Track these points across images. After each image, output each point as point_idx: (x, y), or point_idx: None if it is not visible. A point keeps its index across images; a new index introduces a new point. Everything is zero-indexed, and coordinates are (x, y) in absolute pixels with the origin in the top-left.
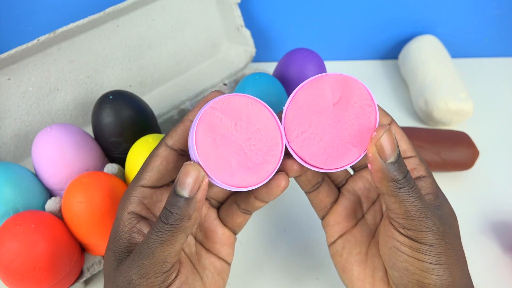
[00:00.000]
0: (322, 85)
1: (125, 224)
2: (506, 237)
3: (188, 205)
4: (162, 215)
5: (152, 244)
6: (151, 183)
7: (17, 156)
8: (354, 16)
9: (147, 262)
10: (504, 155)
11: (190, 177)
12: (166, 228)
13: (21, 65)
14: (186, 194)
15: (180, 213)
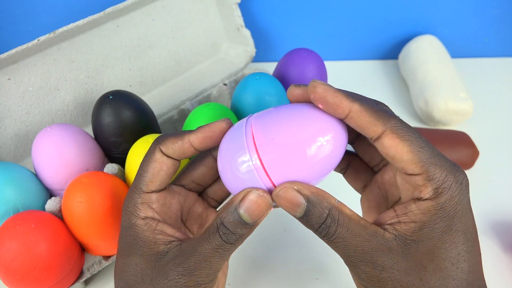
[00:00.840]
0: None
1: (145, 229)
2: (506, 237)
3: (250, 229)
4: (224, 234)
5: (210, 258)
6: (155, 188)
7: (17, 156)
8: (354, 16)
9: (204, 272)
10: (504, 155)
11: (261, 210)
12: (227, 247)
13: (21, 65)
14: (251, 221)
15: (241, 234)
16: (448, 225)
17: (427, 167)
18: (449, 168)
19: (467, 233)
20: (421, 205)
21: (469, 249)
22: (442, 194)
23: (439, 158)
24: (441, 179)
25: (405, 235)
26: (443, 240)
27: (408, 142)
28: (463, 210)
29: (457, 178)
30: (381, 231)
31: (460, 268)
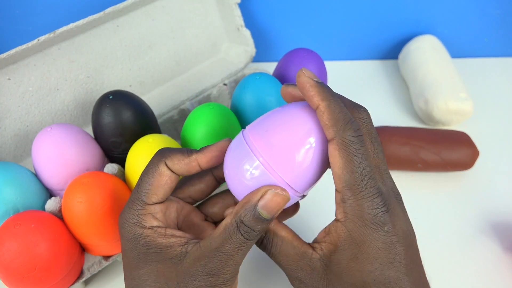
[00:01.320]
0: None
1: (155, 236)
2: (506, 237)
3: (268, 224)
4: (244, 232)
5: (233, 256)
6: (157, 200)
7: (17, 156)
8: (354, 16)
9: (231, 269)
10: (504, 155)
11: (280, 206)
12: (249, 243)
13: (21, 65)
14: (269, 217)
15: (259, 230)
16: (355, 253)
17: (345, 189)
18: (367, 197)
19: (375, 264)
20: (337, 226)
21: (378, 278)
22: (350, 220)
23: (366, 187)
24: (352, 205)
25: (326, 256)
26: (349, 267)
27: (344, 159)
28: (372, 241)
29: (370, 210)
30: (309, 252)
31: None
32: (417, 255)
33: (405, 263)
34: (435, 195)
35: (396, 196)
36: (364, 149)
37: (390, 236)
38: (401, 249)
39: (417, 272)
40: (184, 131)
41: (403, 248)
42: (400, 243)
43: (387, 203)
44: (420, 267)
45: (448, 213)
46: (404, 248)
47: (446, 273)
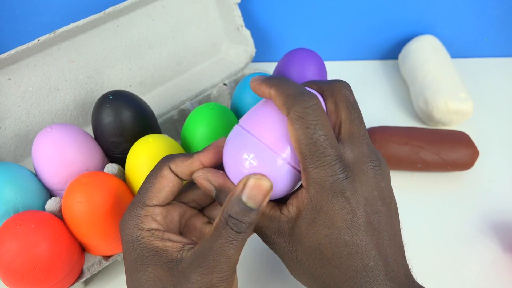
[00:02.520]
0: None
1: (152, 239)
2: (506, 237)
3: (256, 214)
4: (234, 225)
5: (226, 251)
6: (158, 203)
7: (17, 156)
8: (354, 16)
9: (225, 266)
10: (504, 155)
11: (263, 193)
12: (239, 236)
13: (21, 65)
14: (256, 206)
15: (249, 222)
16: (314, 218)
17: (303, 159)
18: (324, 165)
19: (332, 228)
20: (302, 192)
21: (334, 241)
22: (311, 187)
23: (323, 155)
24: (311, 173)
25: (293, 219)
26: (308, 230)
27: (298, 131)
28: (330, 207)
29: (329, 177)
30: (278, 216)
31: (318, 258)
32: (387, 222)
33: (364, 229)
34: (435, 195)
35: (372, 161)
36: (318, 118)
37: (349, 202)
38: (361, 215)
39: (381, 238)
40: (184, 131)
41: (363, 215)
42: (360, 209)
43: (348, 170)
44: (390, 233)
45: (448, 213)
46: (365, 214)
47: (446, 273)
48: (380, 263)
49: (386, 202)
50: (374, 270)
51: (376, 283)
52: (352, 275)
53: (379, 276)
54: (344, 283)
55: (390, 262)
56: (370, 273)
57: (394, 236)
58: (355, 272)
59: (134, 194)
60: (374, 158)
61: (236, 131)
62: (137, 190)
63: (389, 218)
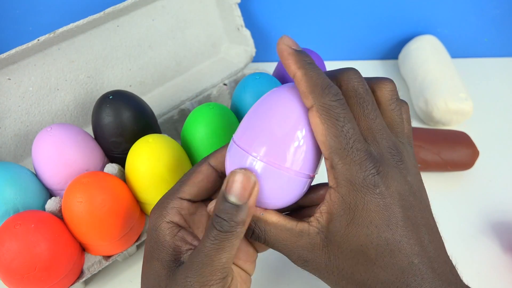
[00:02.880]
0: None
1: (166, 233)
2: (506, 237)
3: (242, 211)
4: (216, 223)
5: (210, 252)
6: (190, 196)
7: (17, 156)
8: (354, 16)
9: (207, 270)
10: (504, 155)
11: (247, 188)
12: (223, 236)
13: (21, 65)
14: (239, 202)
15: (235, 220)
16: (351, 218)
17: (332, 154)
18: (355, 160)
19: (371, 227)
20: (331, 193)
21: (376, 241)
22: (342, 185)
23: (352, 151)
24: (341, 170)
25: (324, 227)
26: (347, 233)
27: (326, 124)
28: (365, 204)
29: (360, 173)
30: (306, 229)
31: (362, 261)
32: (423, 216)
33: (403, 225)
34: (435, 195)
35: (393, 156)
36: (345, 112)
37: (384, 198)
38: (397, 210)
39: (421, 233)
40: (184, 131)
41: (400, 210)
42: (396, 205)
43: (378, 165)
44: (428, 227)
45: (448, 213)
46: (401, 209)
47: None
48: (425, 259)
49: (417, 196)
50: (421, 267)
51: (424, 282)
52: (399, 275)
53: (426, 273)
54: (391, 284)
55: (434, 258)
56: (417, 271)
57: (432, 230)
58: (401, 271)
59: (134, 194)
60: (395, 153)
61: (232, 148)
62: (137, 190)
63: (423, 212)
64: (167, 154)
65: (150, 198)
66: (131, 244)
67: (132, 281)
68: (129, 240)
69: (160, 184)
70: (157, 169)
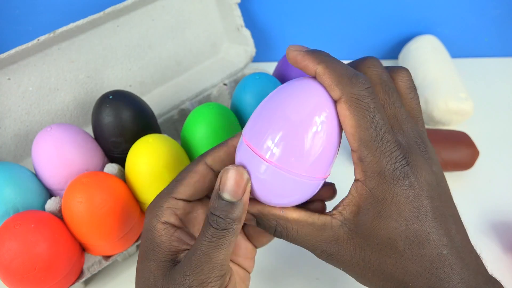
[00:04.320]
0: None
1: (162, 234)
2: (506, 237)
3: (237, 208)
4: (212, 221)
5: (207, 250)
6: (185, 197)
7: (17, 156)
8: (354, 16)
9: (206, 268)
10: (504, 155)
11: (240, 184)
12: (219, 233)
13: (21, 65)
14: (233, 199)
15: (231, 218)
16: (378, 211)
17: (362, 147)
18: (385, 152)
19: (399, 219)
20: (357, 186)
21: (404, 233)
22: (370, 178)
23: (382, 142)
24: (371, 163)
25: (349, 219)
26: (374, 226)
27: (356, 116)
28: (394, 197)
29: (390, 165)
30: (329, 222)
31: (390, 253)
32: (448, 206)
33: (432, 216)
34: None
35: (419, 145)
36: (375, 101)
37: (414, 189)
38: (426, 201)
39: (448, 223)
40: (184, 131)
41: (428, 201)
42: (424, 195)
43: (407, 156)
44: (454, 218)
45: None
46: (430, 200)
47: None
48: (453, 250)
49: (442, 186)
50: (449, 258)
51: (454, 272)
52: (428, 266)
53: (455, 264)
54: (420, 276)
55: (461, 248)
56: (446, 262)
57: (458, 220)
58: (430, 262)
59: (134, 194)
60: (420, 142)
61: (242, 147)
62: (137, 190)
63: (448, 202)
64: (167, 154)
65: (150, 198)
66: (131, 244)
67: (132, 281)
68: (129, 240)
69: (160, 184)
70: (157, 169)
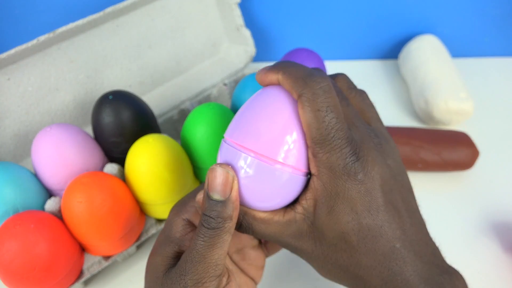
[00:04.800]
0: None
1: (178, 230)
2: (506, 237)
3: (227, 207)
4: (204, 221)
5: (201, 250)
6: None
7: (17, 156)
8: (354, 16)
9: (200, 267)
10: (504, 155)
11: (226, 182)
12: (212, 233)
13: (21, 65)
14: (221, 197)
15: (222, 216)
16: (331, 206)
17: (313, 144)
18: (335, 149)
19: (351, 214)
20: (314, 181)
21: (356, 227)
22: (323, 173)
23: (333, 139)
24: (322, 159)
25: (310, 213)
26: (328, 220)
27: (308, 116)
28: (346, 192)
29: (340, 161)
30: (293, 217)
31: (344, 247)
32: (405, 199)
33: (384, 210)
34: (435, 195)
35: (373, 139)
36: (329, 100)
37: (365, 184)
38: (378, 195)
39: (402, 216)
40: (184, 131)
41: (381, 195)
42: (376, 189)
43: (358, 151)
44: (410, 210)
45: (448, 213)
46: (382, 194)
47: None
48: (406, 243)
49: (398, 179)
50: (402, 251)
51: (406, 265)
52: (381, 260)
53: (408, 257)
54: (374, 269)
55: (415, 241)
56: (398, 255)
57: (414, 213)
58: (383, 256)
59: (134, 194)
60: (374, 135)
61: (224, 148)
62: (137, 190)
63: (404, 195)
64: (167, 154)
65: (150, 198)
66: (130, 244)
67: (132, 281)
68: (128, 240)
69: (159, 184)
70: (157, 169)
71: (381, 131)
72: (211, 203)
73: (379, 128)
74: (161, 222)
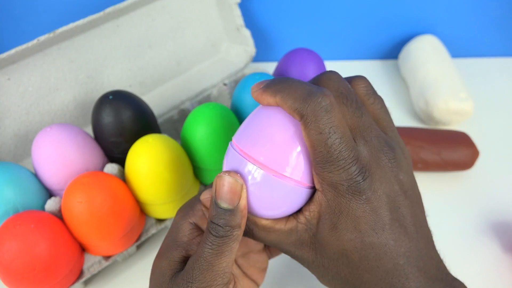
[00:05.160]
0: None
1: (185, 234)
2: (506, 237)
3: (235, 215)
4: (212, 229)
5: (209, 257)
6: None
7: (17, 156)
8: (354, 16)
9: (208, 275)
10: (504, 155)
11: (235, 191)
12: (220, 241)
13: (21, 65)
14: (229, 206)
15: (230, 225)
16: (334, 223)
17: (317, 165)
18: (339, 169)
19: (354, 232)
20: (318, 195)
21: (359, 246)
22: (327, 190)
23: (337, 160)
24: (326, 178)
25: (313, 225)
26: (330, 236)
27: (311, 138)
28: (350, 211)
29: (345, 182)
30: (295, 227)
31: (346, 263)
32: (412, 215)
33: (389, 228)
34: (435, 195)
35: (386, 154)
36: (332, 120)
37: (371, 203)
38: (385, 214)
39: (409, 232)
40: (184, 131)
41: (387, 213)
42: (383, 208)
43: (365, 170)
44: (418, 225)
45: (448, 213)
46: (389, 212)
47: None
48: (411, 259)
49: (408, 194)
50: (405, 267)
51: (409, 281)
52: (383, 276)
53: (411, 273)
54: (375, 285)
55: (420, 256)
56: (401, 271)
57: (421, 228)
58: (386, 272)
59: (134, 194)
60: (387, 150)
61: (231, 154)
62: (137, 190)
63: (413, 210)
64: (167, 154)
65: (150, 198)
66: (131, 244)
67: (131, 281)
68: (129, 240)
69: (160, 184)
70: (157, 169)
71: (397, 140)
72: (219, 211)
73: (395, 138)
74: (161, 222)
